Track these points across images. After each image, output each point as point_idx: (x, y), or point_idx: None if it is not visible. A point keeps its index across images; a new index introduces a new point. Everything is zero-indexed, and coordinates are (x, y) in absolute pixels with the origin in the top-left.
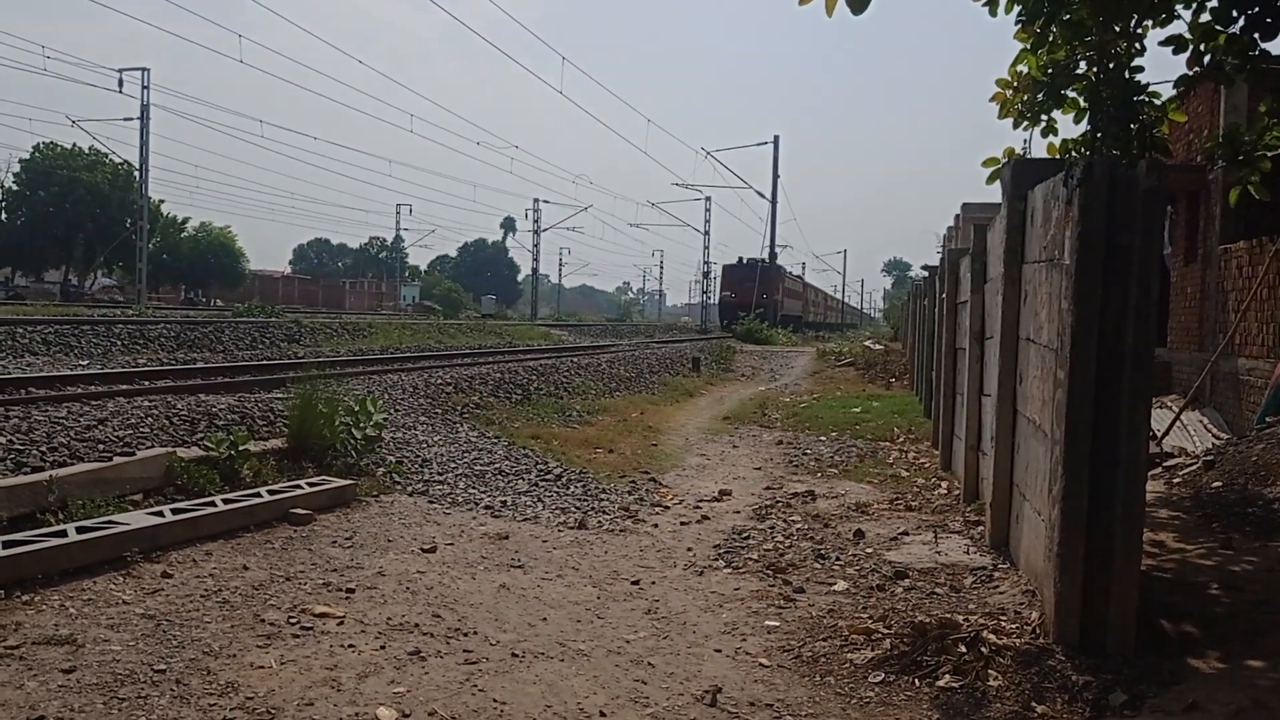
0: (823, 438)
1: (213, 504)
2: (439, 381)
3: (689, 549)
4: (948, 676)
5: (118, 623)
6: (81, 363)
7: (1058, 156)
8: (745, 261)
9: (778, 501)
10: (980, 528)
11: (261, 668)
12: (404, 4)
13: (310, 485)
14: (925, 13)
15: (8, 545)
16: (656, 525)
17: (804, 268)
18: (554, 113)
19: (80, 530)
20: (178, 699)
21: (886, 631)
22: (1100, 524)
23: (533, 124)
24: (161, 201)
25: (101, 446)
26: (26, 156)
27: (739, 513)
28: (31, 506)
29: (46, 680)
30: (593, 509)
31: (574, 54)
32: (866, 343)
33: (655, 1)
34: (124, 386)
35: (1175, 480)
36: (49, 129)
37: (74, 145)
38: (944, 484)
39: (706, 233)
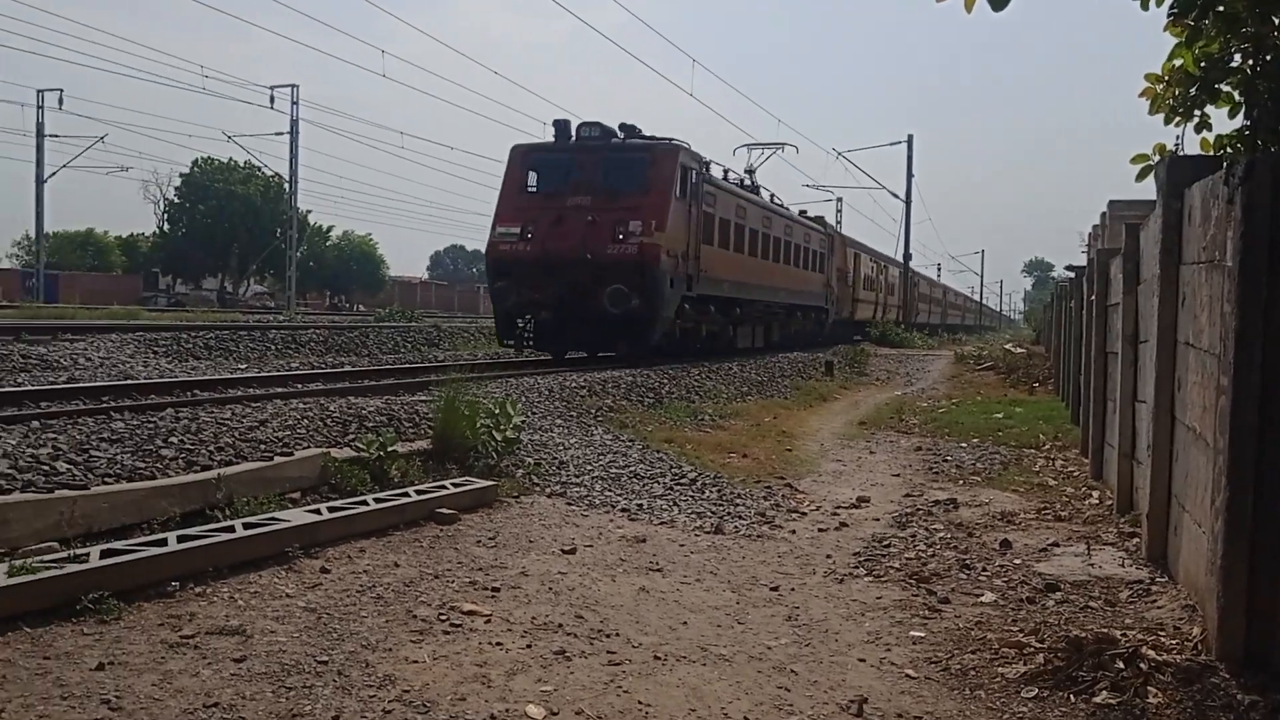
0: (963, 444)
1: (364, 503)
2: (572, 384)
3: (828, 556)
4: (1105, 693)
5: (282, 615)
6: (240, 366)
7: (1213, 153)
8: (575, 133)
9: (918, 509)
10: (1135, 539)
11: (415, 662)
12: (524, 13)
13: (454, 486)
14: (1068, 6)
15: (182, 539)
16: (794, 531)
17: (939, 269)
18: (683, 115)
19: (246, 526)
20: (340, 689)
21: (1039, 646)
22: (1266, 536)
23: (662, 126)
24: (309, 211)
25: (263, 446)
26: (186, 171)
27: (878, 520)
28: (201, 503)
29: (219, 669)
30: (729, 514)
31: (702, 55)
32: (1006, 345)
33: (784, 1)
34: (279, 389)
35: None
36: (206, 144)
37: (230, 159)
38: (1095, 494)
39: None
